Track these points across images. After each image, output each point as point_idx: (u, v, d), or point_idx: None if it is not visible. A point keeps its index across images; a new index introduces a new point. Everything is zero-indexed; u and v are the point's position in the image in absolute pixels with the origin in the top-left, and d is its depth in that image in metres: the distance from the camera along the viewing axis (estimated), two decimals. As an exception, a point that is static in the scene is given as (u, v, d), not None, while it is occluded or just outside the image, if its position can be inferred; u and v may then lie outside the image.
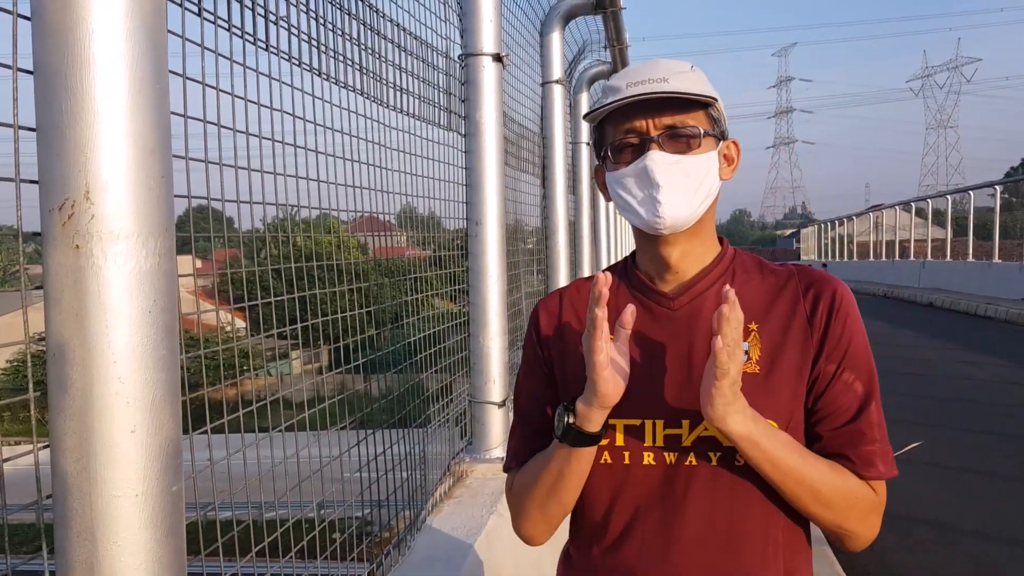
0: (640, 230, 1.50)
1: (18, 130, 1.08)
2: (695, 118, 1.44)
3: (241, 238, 1.87)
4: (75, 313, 1.01)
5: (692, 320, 1.48)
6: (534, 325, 1.63)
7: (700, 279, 1.51)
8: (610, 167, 1.48)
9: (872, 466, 1.43)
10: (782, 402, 1.43)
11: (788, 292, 1.50)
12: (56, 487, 1.05)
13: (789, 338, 1.46)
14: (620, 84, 1.45)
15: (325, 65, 2.19)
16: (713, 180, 1.46)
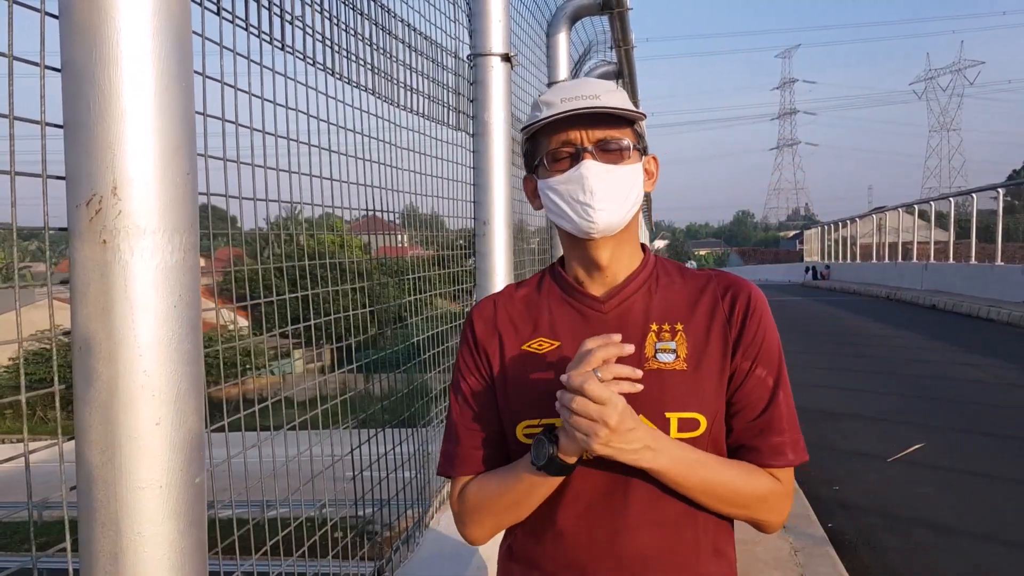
0: (570, 235, 1.59)
1: (45, 127, 1.09)
2: (623, 133, 1.55)
3: (244, 236, 1.88)
4: (101, 307, 1.02)
5: (622, 321, 1.58)
6: (470, 330, 1.70)
7: (628, 283, 1.61)
8: (543, 175, 1.57)
9: (781, 455, 1.56)
10: (709, 396, 1.54)
11: (708, 294, 1.62)
12: (81, 478, 1.07)
13: (711, 336, 1.57)
14: (554, 99, 1.55)
15: (338, 65, 2.21)
16: (639, 190, 1.58)
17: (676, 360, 1.55)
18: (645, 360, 1.55)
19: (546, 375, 1.57)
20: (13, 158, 1.06)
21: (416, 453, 2.90)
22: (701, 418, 1.53)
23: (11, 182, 1.06)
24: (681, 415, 1.52)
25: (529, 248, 5.60)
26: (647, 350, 1.56)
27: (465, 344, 1.70)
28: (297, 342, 2.41)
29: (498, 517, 1.63)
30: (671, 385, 1.53)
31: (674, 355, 1.55)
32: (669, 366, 1.54)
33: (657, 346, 1.56)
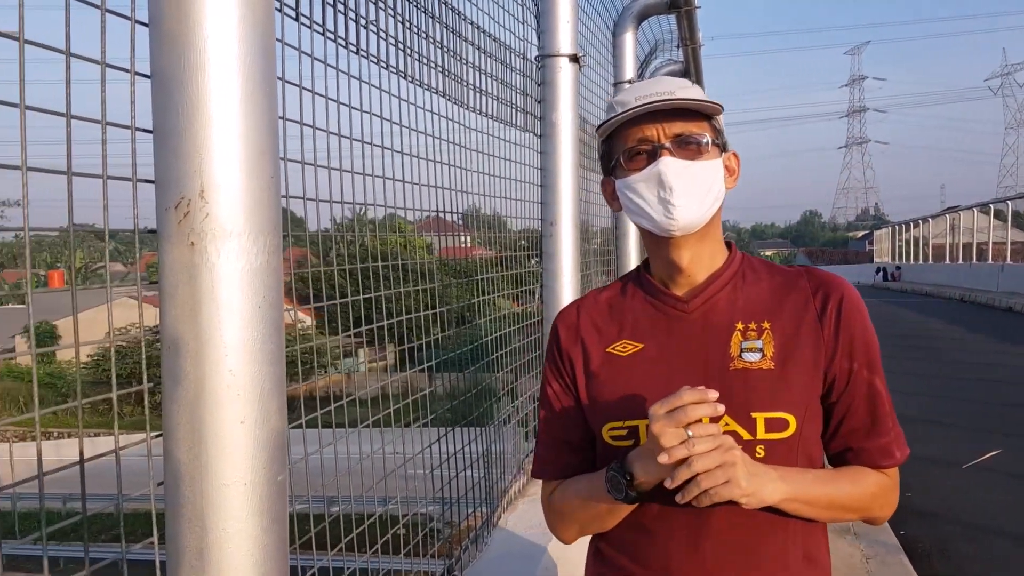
0: (651, 234, 1.57)
1: (135, 132, 1.12)
2: (701, 127, 1.53)
3: (308, 237, 1.90)
4: (189, 308, 1.05)
5: (705, 322, 1.56)
6: (555, 338, 1.70)
7: (711, 282, 1.58)
8: (621, 174, 1.56)
9: (890, 456, 1.56)
10: (797, 395, 1.51)
11: (798, 291, 1.58)
12: (168, 475, 1.09)
13: (801, 334, 1.54)
14: (628, 99, 1.53)
15: (410, 67, 2.23)
16: (720, 185, 1.55)
17: (763, 359, 1.52)
18: (731, 360, 1.52)
19: (629, 377, 1.56)
20: (105, 162, 1.09)
21: (485, 453, 2.91)
22: (790, 418, 1.50)
23: (103, 185, 1.10)
24: (768, 415, 1.49)
25: (592, 248, 5.59)
26: (732, 349, 1.53)
27: (550, 351, 1.71)
28: (360, 341, 2.44)
29: (582, 526, 1.66)
30: (757, 385, 1.50)
31: (760, 354, 1.52)
32: (755, 365, 1.51)
33: (743, 345, 1.53)
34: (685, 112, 1.51)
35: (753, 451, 1.49)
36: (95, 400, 1.28)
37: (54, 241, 43.07)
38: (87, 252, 46.57)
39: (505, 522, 2.93)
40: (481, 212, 3.42)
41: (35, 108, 0.97)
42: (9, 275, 41.73)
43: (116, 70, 1.09)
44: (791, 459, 1.51)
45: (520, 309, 3.81)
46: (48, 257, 44.50)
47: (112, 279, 1.22)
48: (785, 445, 1.50)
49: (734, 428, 1.48)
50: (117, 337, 1.14)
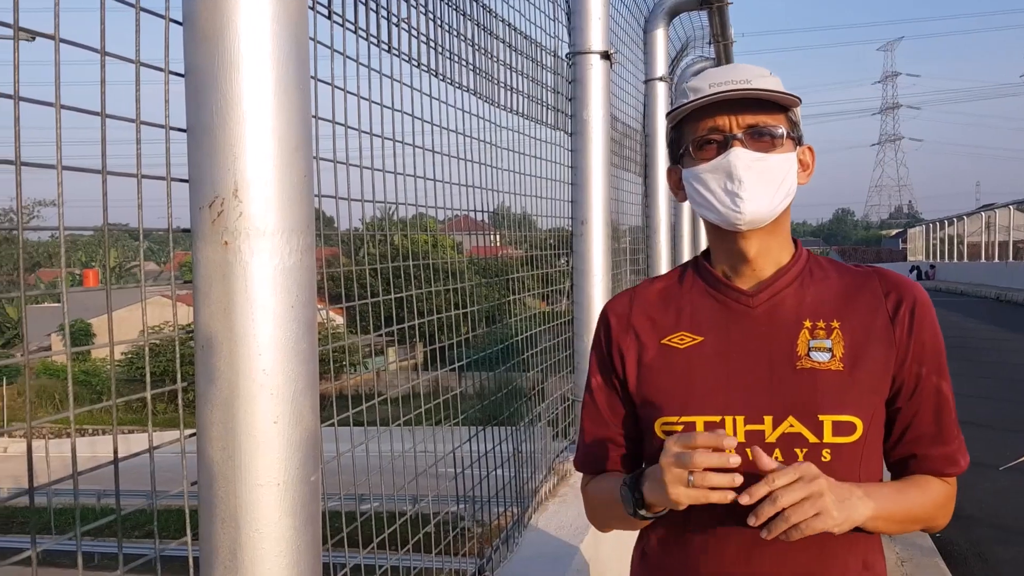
0: (716, 226, 1.52)
1: (169, 131, 1.12)
2: (776, 119, 1.47)
3: (339, 236, 1.90)
4: (223, 307, 1.05)
5: (771, 317, 1.51)
6: (604, 327, 1.65)
7: (778, 278, 1.53)
8: (689, 163, 1.51)
9: (954, 464, 1.52)
10: (865, 397, 1.46)
11: (869, 292, 1.53)
12: (202, 475, 1.09)
13: (871, 336, 1.49)
14: (702, 85, 1.48)
15: (441, 65, 2.23)
16: (793, 180, 1.50)
17: (831, 360, 1.47)
18: (798, 358, 1.47)
19: (687, 371, 1.51)
20: (139, 161, 1.09)
21: (515, 452, 2.90)
22: (857, 421, 1.45)
23: (138, 184, 1.09)
24: (836, 418, 1.44)
25: (621, 248, 5.55)
26: (800, 348, 1.48)
27: (597, 341, 1.66)
28: (390, 340, 2.44)
29: (612, 524, 1.65)
30: (826, 386, 1.45)
31: (829, 354, 1.47)
32: (824, 366, 1.46)
33: (811, 344, 1.48)
34: (760, 102, 1.45)
35: (819, 455, 1.44)
36: (133, 399, 1.29)
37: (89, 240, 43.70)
38: (121, 251, 47.19)
39: (536, 522, 2.91)
40: (510, 211, 3.40)
41: (70, 107, 0.97)
42: (45, 274, 42.39)
43: (150, 68, 1.09)
44: (856, 464, 1.46)
45: (549, 309, 3.79)
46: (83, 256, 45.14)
47: (146, 278, 1.22)
48: (851, 449, 1.45)
49: (799, 430, 1.44)
50: (151, 336, 1.13)
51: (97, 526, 1.19)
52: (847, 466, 1.44)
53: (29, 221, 43.10)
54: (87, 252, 45.37)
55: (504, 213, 3.33)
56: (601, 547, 2.86)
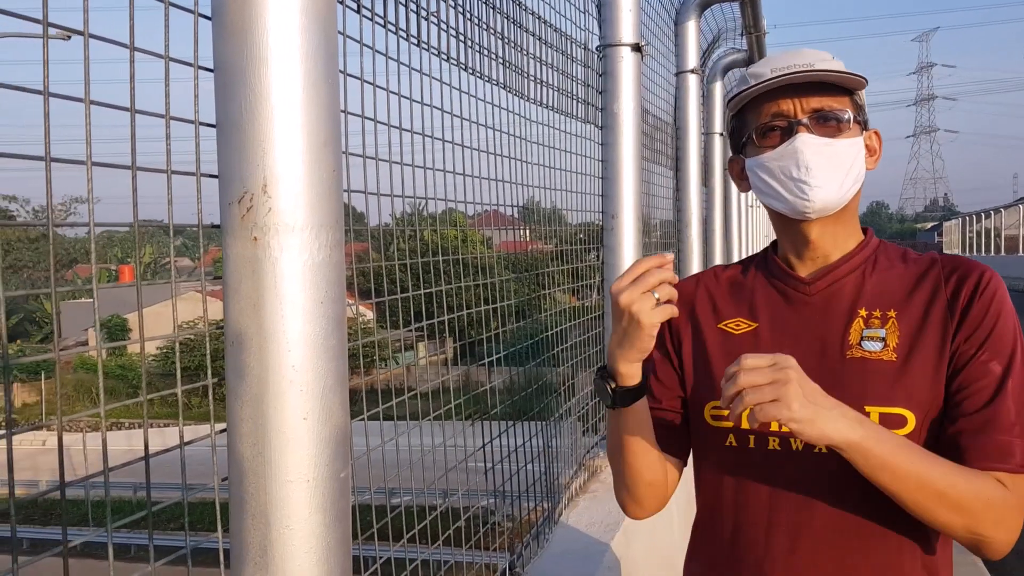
0: (781, 216, 1.48)
1: (198, 126, 1.12)
2: (841, 103, 1.43)
3: (369, 232, 1.90)
4: (252, 303, 1.04)
5: (827, 306, 1.47)
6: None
7: (840, 264, 1.48)
8: (752, 152, 1.47)
9: (1009, 456, 1.31)
10: (919, 391, 1.38)
11: (930, 279, 1.46)
12: (232, 471, 1.09)
13: (929, 325, 1.41)
14: (764, 70, 1.44)
15: (470, 59, 2.22)
16: (861, 166, 1.45)
17: (884, 349, 1.41)
18: (849, 347, 1.42)
19: (738, 356, 1.42)
20: (169, 157, 1.09)
21: (545, 448, 2.89)
22: (909, 415, 1.37)
23: (167, 180, 1.10)
24: (884, 410, 1.37)
25: (652, 242, 5.52)
26: (851, 337, 1.43)
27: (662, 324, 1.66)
28: (420, 335, 2.44)
29: (621, 477, 1.58)
30: (875, 377, 1.39)
31: (882, 344, 1.41)
32: (875, 355, 1.40)
33: (864, 333, 1.42)
34: (825, 86, 1.41)
35: None
36: (164, 394, 1.29)
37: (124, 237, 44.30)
38: (156, 248, 47.79)
39: (566, 518, 2.91)
40: (540, 205, 3.38)
41: (100, 103, 0.97)
42: (82, 270, 43.05)
43: (178, 63, 1.09)
44: None
45: (579, 304, 3.77)
46: (119, 252, 45.79)
47: (179, 274, 1.22)
48: None
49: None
50: (184, 331, 1.14)
51: (132, 520, 1.20)
52: None
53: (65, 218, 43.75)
54: (123, 248, 46.01)
55: (534, 208, 3.31)
56: (632, 544, 2.84)
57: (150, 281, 1.15)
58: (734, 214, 8.47)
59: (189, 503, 1.21)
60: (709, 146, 6.78)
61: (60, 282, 4.57)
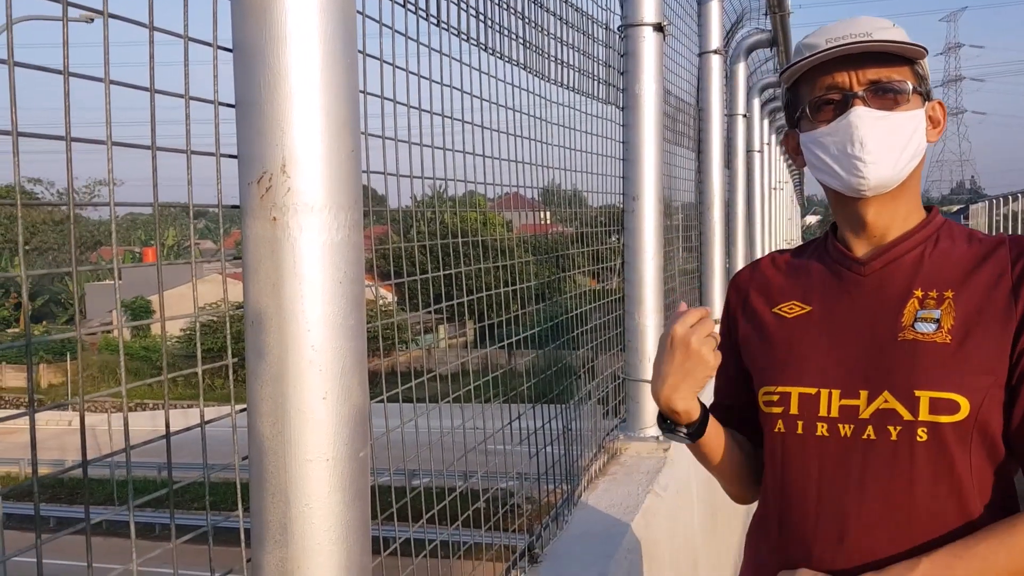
0: (837, 193, 1.43)
1: (218, 106, 1.12)
2: (901, 73, 1.37)
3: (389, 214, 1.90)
4: (272, 283, 1.05)
5: (881, 287, 1.41)
6: (727, 298, 1.65)
7: (898, 243, 1.42)
8: (806, 127, 1.42)
9: None
10: (974, 375, 1.32)
11: (994, 260, 1.38)
12: (252, 450, 1.10)
13: (989, 307, 1.34)
14: (818, 41, 1.38)
15: (491, 40, 2.20)
16: (920, 140, 1.38)
17: (938, 331, 1.34)
18: (901, 329, 1.36)
19: (791, 340, 1.45)
20: (188, 136, 1.09)
21: (565, 430, 2.89)
22: (962, 401, 1.30)
23: (187, 160, 1.10)
24: (935, 395, 1.31)
25: (673, 225, 5.49)
26: (905, 318, 1.37)
27: (724, 309, 1.67)
28: (440, 318, 2.44)
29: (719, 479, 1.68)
30: (926, 360, 1.33)
31: (936, 325, 1.34)
32: (928, 337, 1.34)
33: (918, 314, 1.36)
34: (883, 56, 1.34)
35: (914, 433, 1.32)
36: (184, 374, 1.30)
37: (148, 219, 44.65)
38: (179, 230, 48.14)
39: (586, 500, 2.91)
40: (561, 187, 3.37)
41: (119, 83, 0.97)
42: (107, 252, 43.44)
43: (198, 43, 1.09)
44: (961, 447, 1.32)
45: (600, 287, 3.75)
46: (142, 235, 46.18)
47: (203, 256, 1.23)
48: (954, 430, 1.31)
49: (893, 406, 1.33)
50: (207, 312, 1.14)
51: (153, 498, 1.21)
52: (950, 448, 1.32)
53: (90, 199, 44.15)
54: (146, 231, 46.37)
55: (555, 190, 3.30)
56: (652, 526, 2.84)
57: (171, 262, 1.15)
58: (757, 197, 8.41)
59: (211, 483, 1.22)
60: (732, 128, 6.72)
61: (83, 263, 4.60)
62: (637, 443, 3.46)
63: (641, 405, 3.50)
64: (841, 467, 1.39)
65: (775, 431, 1.47)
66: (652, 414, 3.48)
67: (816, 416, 1.41)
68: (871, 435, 1.36)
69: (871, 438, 1.36)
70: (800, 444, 1.43)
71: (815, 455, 1.41)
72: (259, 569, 1.11)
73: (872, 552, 1.35)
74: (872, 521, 1.35)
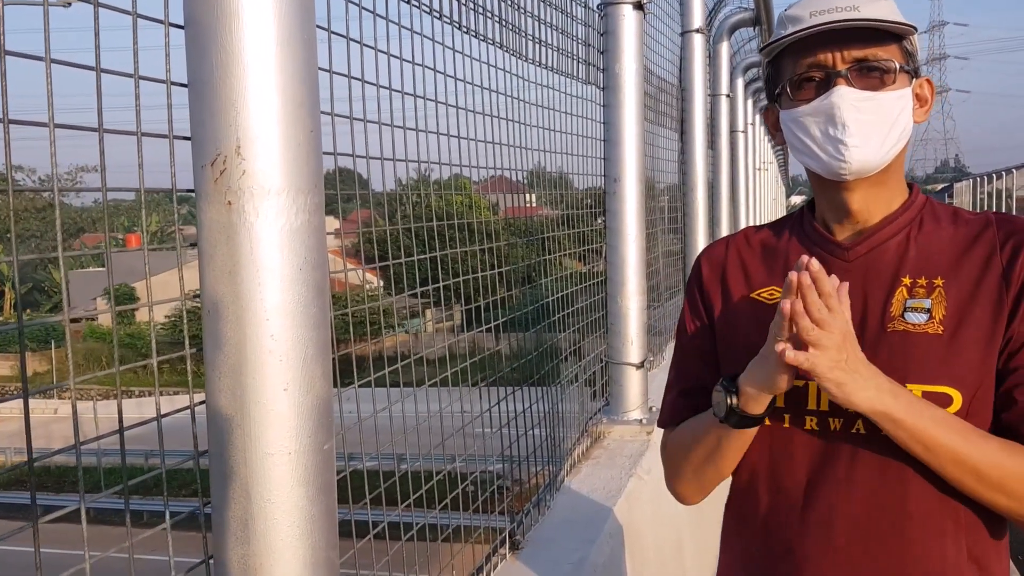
0: (818, 176, 1.37)
1: (170, 86, 1.07)
2: (888, 51, 1.30)
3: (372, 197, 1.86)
4: (228, 270, 1.00)
5: (868, 272, 1.35)
6: (696, 275, 1.54)
7: (882, 227, 1.37)
8: (786, 104, 1.35)
9: None
10: (967, 368, 1.28)
11: (982, 243, 1.33)
12: (212, 443, 1.06)
13: (980, 295, 1.30)
14: (803, 13, 1.31)
15: (465, 18, 2.15)
16: (907, 121, 1.33)
17: (929, 322, 1.29)
18: (890, 319, 1.31)
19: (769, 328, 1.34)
20: (139, 118, 1.05)
21: (548, 414, 2.86)
22: (955, 394, 1.27)
23: (137, 143, 1.05)
24: (927, 388, 1.27)
25: (659, 206, 5.45)
26: (893, 308, 1.32)
27: (690, 288, 1.56)
28: (427, 302, 2.41)
29: (697, 471, 1.48)
30: (918, 351, 1.28)
31: (927, 315, 1.29)
32: (919, 328, 1.29)
33: (907, 304, 1.31)
34: (869, 32, 1.27)
35: None
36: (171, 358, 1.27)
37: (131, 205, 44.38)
38: (163, 216, 47.83)
39: (569, 485, 2.89)
40: (546, 170, 3.33)
41: (60, 61, 0.92)
42: (89, 239, 43.14)
43: (148, 20, 1.04)
44: None
45: (586, 269, 3.72)
46: (125, 221, 45.81)
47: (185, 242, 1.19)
48: None
49: None
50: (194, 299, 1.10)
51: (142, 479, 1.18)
52: None
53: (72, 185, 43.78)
54: (129, 217, 46.04)
55: (539, 172, 3.25)
56: (635, 510, 2.82)
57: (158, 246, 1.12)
58: (741, 177, 8.38)
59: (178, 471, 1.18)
60: (715, 108, 6.68)
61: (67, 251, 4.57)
62: (620, 426, 3.44)
63: (624, 388, 3.47)
64: (830, 461, 1.34)
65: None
66: (635, 397, 3.46)
67: (804, 409, 1.36)
68: (860, 429, 1.32)
69: (860, 432, 1.32)
70: (787, 437, 1.38)
71: (803, 449, 1.37)
72: (221, 566, 1.07)
73: (859, 545, 1.32)
74: (860, 514, 1.31)
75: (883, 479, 1.31)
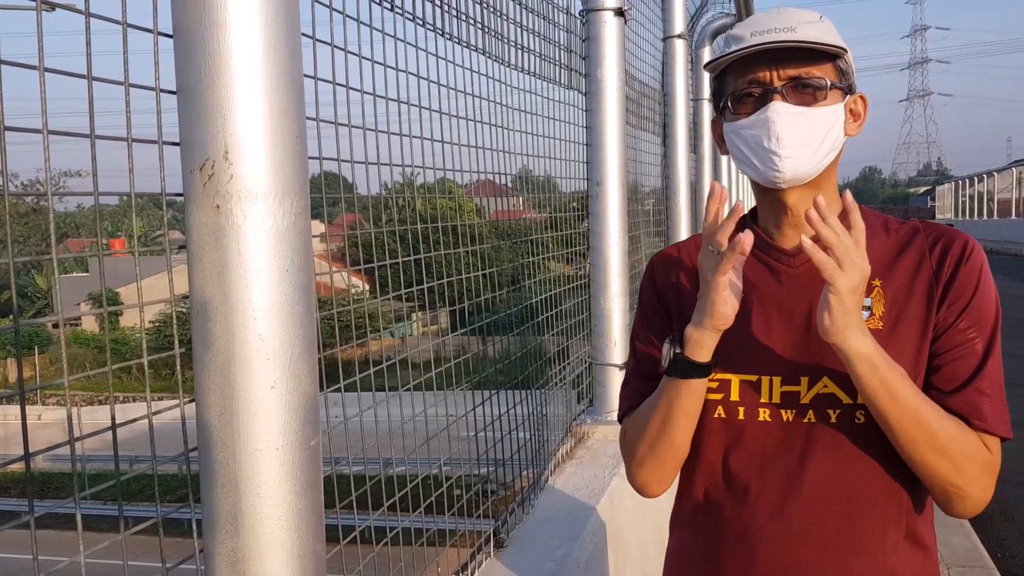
0: (758, 183, 1.47)
1: (159, 93, 1.10)
2: (822, 70, 1.40)
3: (357, 201, 1.88)
4: (217, 272, 1.03)
5: (813, 277, 1.41)
6: (650, 275, 1.63)
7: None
8: (729, 118, 1.45)
9: (982, 418, 1.37)
10: (907, 359, 1.39)
11: (913, 248, 1.46)
12: (201, 440, 1.09)
13: (914, 294, 1.42)
14: (744, 33, 1.41)
15: (448, 25, 2.19)
16: (838, 134, 1.42)
17: (870, 319, 1.41)
18: None
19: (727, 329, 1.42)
20: (129, 124, 1.08)
21: (532, 415, 2.90)
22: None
23: (128, 148, 1.08)
24: None
25: (644, 210, 5.50)
26: None
27: (643, 292, 1.63)
28: (413, 305, 2.43)
29: (652, 448, 1.51)
30: None
31: (867, 312, 1.41)
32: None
33: None
34: (805, 51, 1.37)
35: (853, 417, 1.39)
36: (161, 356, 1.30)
37: (115, 210, 44.12)
38: (147, 220, 47.60)
39: (552, 484, 2.92)
40: (532, 174, 3.37)
41: (54, 70, 0.95)
42: (72, 244, 42.89)
43: (137, 30, 1.07)
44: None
45: (572, 271, 3.77)
46: (109, 226, 45.61)
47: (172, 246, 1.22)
48: None
49: (832, 391, 1.40)
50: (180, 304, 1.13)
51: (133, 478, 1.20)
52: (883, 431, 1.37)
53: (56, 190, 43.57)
54: (113, 222, 45.82)
55: (525, 176, 3.29)
56: (618, 508, 2.86)
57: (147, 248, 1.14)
58: (724, 181, 8.45)
59: (164, 476, 1.21)
60: (698, 112, 6.75)
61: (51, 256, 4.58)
62: (604, 426, 3.47)
63: (608, 389, 3.51)
64: (782, 450, 1.43)
65: (714, 416, 1.49)
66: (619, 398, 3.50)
67: (758, 403, 1.46)
68: (811, 419, 1.42)
69: (811, 422, 1.42)
70: (740, 429, 1.47)
71: (756, 440, 1.46)
72: (211, 559, 1.10)
73: (807, 529, 1.41)
74: (811, 495, 1.41)
75: (833, 466, 1.41)
